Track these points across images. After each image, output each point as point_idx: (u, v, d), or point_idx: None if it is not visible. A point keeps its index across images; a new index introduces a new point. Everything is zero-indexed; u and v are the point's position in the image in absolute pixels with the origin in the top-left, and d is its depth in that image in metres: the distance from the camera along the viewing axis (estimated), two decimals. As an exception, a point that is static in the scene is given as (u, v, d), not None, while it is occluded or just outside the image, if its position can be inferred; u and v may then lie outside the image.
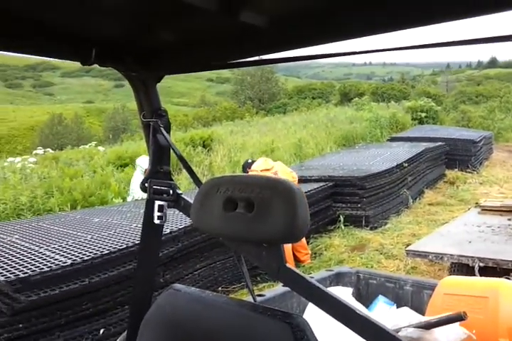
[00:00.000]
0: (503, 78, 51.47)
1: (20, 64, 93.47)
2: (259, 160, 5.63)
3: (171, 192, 1.18)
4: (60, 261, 3.27)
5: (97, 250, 3.57)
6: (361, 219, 6.51)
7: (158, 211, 1.18)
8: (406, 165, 8.08)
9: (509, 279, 2.32)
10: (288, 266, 0.89)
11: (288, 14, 0.80)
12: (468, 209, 6.12)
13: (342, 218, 6.46)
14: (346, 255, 5.65)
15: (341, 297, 0.88)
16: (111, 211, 5.60)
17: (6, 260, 3.38)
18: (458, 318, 1.72)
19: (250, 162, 5.61)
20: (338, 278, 2.60)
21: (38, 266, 3.17)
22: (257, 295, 2.15)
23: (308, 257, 5.59)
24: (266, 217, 0.81)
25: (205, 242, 4.44)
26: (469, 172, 10.59)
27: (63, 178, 8.11)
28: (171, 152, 1.20)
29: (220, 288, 4.61)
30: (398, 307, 2.34)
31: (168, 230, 4.05)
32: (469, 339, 1.76)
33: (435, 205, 8.13)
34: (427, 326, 1.77)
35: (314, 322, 1.04)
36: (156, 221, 1.18)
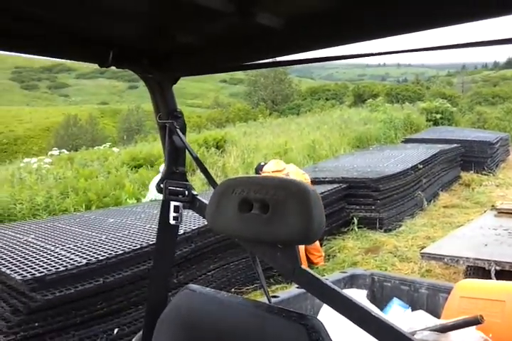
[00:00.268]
0: (520, 79, 50.84)
1: (35, 65, 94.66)
2: (270, 161, 5.63)
3: (187, 193, 1.18)
4: (76, 261, 3.30)
5: (112, 250, 3.59)
6: (375, 221, 6.46)
7: (173, 211, 1.18)
8: (421, 166, 7.99)
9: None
10: (303, 268, 0.88)
11: (301, 16, 0.80)
12: (484, 211, 6.05)
13: (356, 220, 6.42)
14: (360, 257, 5.61)
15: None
16: (125, 211, 5.64)
17: (23, 259, 3.41)
18: (474, 322, 1.70)
19: (263, 164, 5.61)
20: (353, 280, 2.59)
21: (54, 266, 3.19)
22: (272, 296, 2.15)
23: (321, 259, 5.57)
24: (281, 218, 0.81)
25: (218, 243, 4.45)
26: (485, 174, 10.45)
27: (78, 179, 8.20)
28: (187, 153, 1.20)
29: (233, 290, 4.61)
30: (413, 310, 2.33)
31: (182, 231, 4.05)
32: (486, 343, 1.74)
33: (450, 208, 8.03)
34: (443, 329, 1.76)
35: (329, 324, 1.04)
36: (172, 221, 1.19)
